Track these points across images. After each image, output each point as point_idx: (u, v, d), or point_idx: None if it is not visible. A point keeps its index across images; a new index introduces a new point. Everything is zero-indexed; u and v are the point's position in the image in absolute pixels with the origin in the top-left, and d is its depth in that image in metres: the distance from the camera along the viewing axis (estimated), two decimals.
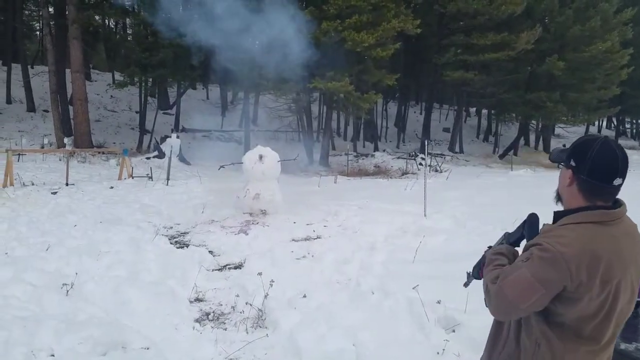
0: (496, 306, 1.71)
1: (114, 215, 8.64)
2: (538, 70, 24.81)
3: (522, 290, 1.62)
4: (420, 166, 19.33)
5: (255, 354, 3.70)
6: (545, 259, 1.60)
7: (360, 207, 9.58)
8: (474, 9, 22.18)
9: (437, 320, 4.03)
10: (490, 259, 1.91)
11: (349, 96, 18.44)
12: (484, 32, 22.42)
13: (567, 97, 24.29)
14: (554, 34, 24.42)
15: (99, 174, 14.11)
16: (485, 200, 10.48)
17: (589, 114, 27.66)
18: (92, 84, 29.24)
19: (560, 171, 1.81)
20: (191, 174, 15.49)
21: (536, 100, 24.16)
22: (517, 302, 1.64)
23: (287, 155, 13.57)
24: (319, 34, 17.42)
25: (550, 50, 23.70)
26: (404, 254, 6.19)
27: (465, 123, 36.35)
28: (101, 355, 3.56)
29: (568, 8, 24.00)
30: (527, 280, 1.61)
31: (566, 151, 1.77)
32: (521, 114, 27.09)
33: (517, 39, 21.87)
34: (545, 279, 1.60)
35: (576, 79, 24.37)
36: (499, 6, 21.69)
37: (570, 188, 1.74)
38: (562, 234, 1.65)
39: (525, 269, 1.63)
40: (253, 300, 4.57)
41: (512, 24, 23.08)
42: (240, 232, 7.64)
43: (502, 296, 1.66)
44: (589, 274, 1.59)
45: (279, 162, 9.01)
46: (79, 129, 18.54)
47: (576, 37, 23.38)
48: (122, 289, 4.73)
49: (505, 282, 1.66)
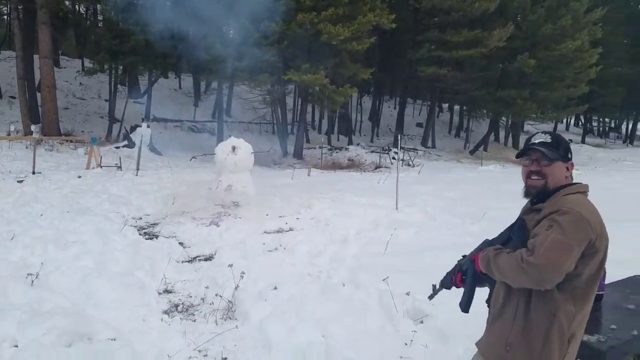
0: (540, 274, 1.76)
1: (82, 204, 8.47)
2: (509, 68, 25.20)
3: (561, 251, 1.75)
4: (393, 160, 19.49)
5: (224, 346, 3.68)
6: (569, 220, 1.79)
7: (334, 200, 9.61)
8: (448, 5, 22.39)
9: (406, 312, 4.08)
10: (496, 253, 1.97)
11: (324, 89, 18.41)
12: (458, 29, 22.65)
13: (537, 94, 24.75)
14: (526, 32, 24.83)
15: (66, 163, 13.79)
16: (455, 195, 10.64)
17: (558, 112, 28.25)
18: (61, 71, 28.42)
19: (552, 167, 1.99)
20: (162, 165, 15.25)
21: (507, 98, 24.56)
22: (561, 263, 1.75)
23: (261, 147, 13.50)
24: (295, 26, 17.32)
25: (521, 48, 24.08)
26: (375, 247, 6.25)
27: (437, 118, 36.75)
28: (66, 346, 3.49)
29: (540, 7, 24.40)
30: (562, 241, 1.76)
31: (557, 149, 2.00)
32: (492, 110, 27.54)
33: (489, 37, 22.17)
34: (576, 236, 1.78)
35: (546, 77, 24.84)
36: (472, 3, 21.94)
37: (567, 177, 2.02)
38: (570, 200, 1.88)
39: (554, 233, 1.77)
40: (223, 292, 4.54)
41: (485, 21, 23.38)
42: (211, 223, 7.58)
43: (546, 263, 1.74)
44: (600, 230, 1.85)
45: (252, 154, 8.94)
46: (47, 117, 18.05)
47: (547, 35, 23.82)
48: (89, 279, 4.63)
49: (544, 249, 1.75)
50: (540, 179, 2.00)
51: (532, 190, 2.03)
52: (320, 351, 3.49)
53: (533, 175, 2.02)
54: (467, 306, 2.18)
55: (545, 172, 1.99)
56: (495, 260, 1.93)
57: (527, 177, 2.05)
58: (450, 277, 2.29)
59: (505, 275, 1.89)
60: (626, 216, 7.65)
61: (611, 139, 45.11)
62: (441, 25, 23.96)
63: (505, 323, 1.97)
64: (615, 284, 3.23)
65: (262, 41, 17.42)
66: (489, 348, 2.05)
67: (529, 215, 2.00)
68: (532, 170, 2.02)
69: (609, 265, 2.92)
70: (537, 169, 2.01)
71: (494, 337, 2.03)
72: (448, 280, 2.30)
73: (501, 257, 1.91)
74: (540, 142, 2.02)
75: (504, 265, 1.88)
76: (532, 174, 2.02)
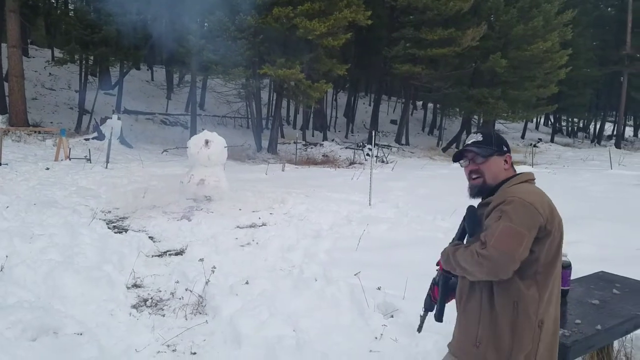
0: (495, 265, 1.79)
1: (49, 197, 8.27)
2: (482, 67, 25.53)
3: (512, 239, 1.78)
4: (368, 157, 19.58)
5: (193, 340, 3.65)
6: (516, 208, 1.82)
7: (307, 195, 9.61)
8: (423, 4, 22.54)
9: (377, 306, 4.11)
10: (454, 249, 1.99)
11: (300, 84, 18.36)
12: (433, 28, 22.84)
13: (508, 94, 25.13)
14: (499, 32, 25.19)
15: (34, 154, 13.46)
16: (427, 191, 10.76)
17: (528, 111, 28.74)
18: (30, 60, 27.65)
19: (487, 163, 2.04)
20: (132, 158, 15.01)
21: (479, 96, 24.89)
22: (513, 251, 1.78)
23: (235, 141, 13.39)
24: (270, 20, 17.22)
25: (494, 47, 24.42)
26: (348, 242, 6.28)
27: (412, 116, 37.07)
28: (31, 340, 3.41)
29: (512, 7, 24.77)
30: (511, 229, 1.79)
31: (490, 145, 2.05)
32: (464, 109, 27.88)
33: (463, 36, 22.42)
34: (525, 223, 1.81)
35: (517, 77, 25.24)
36: (446, 2, 22.13)
37: (507, 169, 2.06)
38: (515, 190, 1.92)
39: (503, 222, 1.80)
40: (193, 287, 4.50)
41: (460, 20, 23.63)
42: (182, 218, 7.49)
43: (499, 252, 1.77)
44: (549, 213, 1.88)
45: (225, 148, 8.85)
46: (14, 107, 17.59)
47: (519, 36, 24.20)
48: (55, 273, 4.51)
49: (495, 240, 1.78)
50: (479, 177, 2.07)
51: (474, 189, 2.09)
52: (290, 345, 3.49)
53: (472, 174, 2.09)
54: (440, 315, 2.17)
55: (482, 169, 2.05)
56: (454, 256, 1.95)
57: (468, 177, 2.12)
58: (429, 296, 2.28)
59: (464, 269, 1.91)
60: (592, 214, 7.86)
61: (579, 138, 46.08)
62: (416, 23, 24.12)
63: (471, 318, 1.97)
64: (580, 279, 3.31)
65: (237, 34, 17.27)
66: (459, 346, 2.04)
67: (480, 210, 2.02)
68: (471, 170, 2.09)
69: (574, 261, 3.01)
70: (474, 168, 2.08)
71: (462, 335, 2.03)
72: (428, 300, 2.29)
73: (459, 253, 1.93)
74: (472, 142, 2.10)
75: (462, 260, 1.90)
76: (471, 174, 2.09)
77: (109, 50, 19.34)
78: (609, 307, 2.82)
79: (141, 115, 24.44)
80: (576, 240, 5.58)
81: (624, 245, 6.01)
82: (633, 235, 6.44)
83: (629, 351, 3.25)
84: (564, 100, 34.34)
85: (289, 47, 18.98)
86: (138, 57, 21.93)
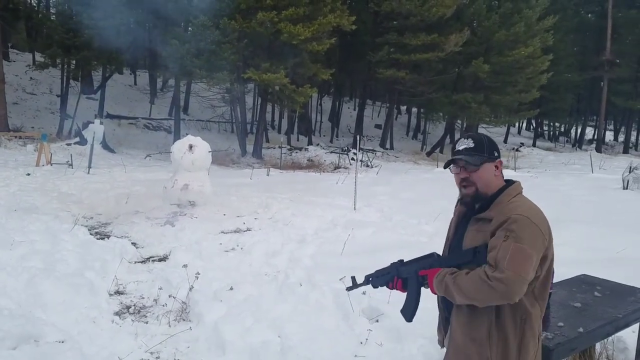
0: (511, 287, 1.73)
1: (30, 203, 8.15)
2: (464, 72, 25.84)
3: (524, 262, 1.75)
4: (352, 161, 19.63)
5: (177, 348, 3.61)
6: (523, 227, 1.78)
7: (292, 200, 9.60)
8: (407, 9, 22.75)
9: (362, 311, 4.11)
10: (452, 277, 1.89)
11: (284, 89, 18.36)
12: (416, 33, 23.06)
13: (490, 98, 25.44)
14: (481, 38, 25.51)
15: (14, 160, 13.27)
16: (412, 196, 10.83)
17: (510, 116, 29.12)
18: (10, 65, 27.26)
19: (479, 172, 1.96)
20: (115, 163, 14.86)
21: (462, 101, 25.14)
22: (526, 273, 1.75)
23: (219, 146, 13.33)
24: (255, 24, 17.21)
25: (476, 53, 24.72)
26: (333, 247, 6.28)
27: (396, 120, 37.27)
28: (11, 349, 3.34)
29: (495, 13, 25.13)
30: (522, 250, 1.75)
31: (482, 152, 1.97)
32: (448, 113, 28.16)
33: (446, 41, 22.66)
34: (533, 245, 1.78)
35: (499, 82, 25.57)
36: (430, 8, 22.39)
37: (497, 175, 2.00)
38: (516, 206, 1.87)
39: (513, 243, 1.75)
40: (177, 293, 4.46)
41: (443, 26, 23.89)
42: (166, 223, 7.41)
43: (514, 274, 1.73)
44: (549, 232, 1.87)
45: (210, 153, 8.80)
46: None
47: (501, 41, 24.53)
48: (36, 280, 4.44)
49: (509, 262, 1.73)
50: (470, 185, 1.98)
51: (467, 198, 2.02)
52: (275, 351, 3.47)
53: (463, 182, 2.00)
54: (412, 316, 2.14)
55: (473, 179, 1.97)
56: (456, 284, 1.85)
57: (459, 185, 2.03)
58: (385, 281, 2.20)
59: (470, 296, 1.82)
60: (574, 217, 7.97)
61: (561, 142, 46.72)
62: (400, 28, 24.32)
63: (481, 343, 1.89)
64: (562, 282, 3.34)
65: (221, 39, 17.23)
66: None
67: (476, 226, 1.96)
68: (462, 177, 2.00)
69: (556, 265, 3.03)
70: (466, 176, 1.99)
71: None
72: (381, 282, 2.22)
73: (461, 279, 1.85)
74: (464, 149, 2.00)
75: (467, 287, 1.82)
76: (462, 182, 2.01)
77: (91, 54, 19.14)
78: (590, 309, 2.85)
79: (124, 120, 24.24)
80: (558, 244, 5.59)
81: (605, 248, 6.10)
82: (614, 238, 6.55)
83: (610, 353, 3.29)
84: (545, 105, 34.84)
85: (273, 52, 18.98)
86: (121, 61, 21.72)
